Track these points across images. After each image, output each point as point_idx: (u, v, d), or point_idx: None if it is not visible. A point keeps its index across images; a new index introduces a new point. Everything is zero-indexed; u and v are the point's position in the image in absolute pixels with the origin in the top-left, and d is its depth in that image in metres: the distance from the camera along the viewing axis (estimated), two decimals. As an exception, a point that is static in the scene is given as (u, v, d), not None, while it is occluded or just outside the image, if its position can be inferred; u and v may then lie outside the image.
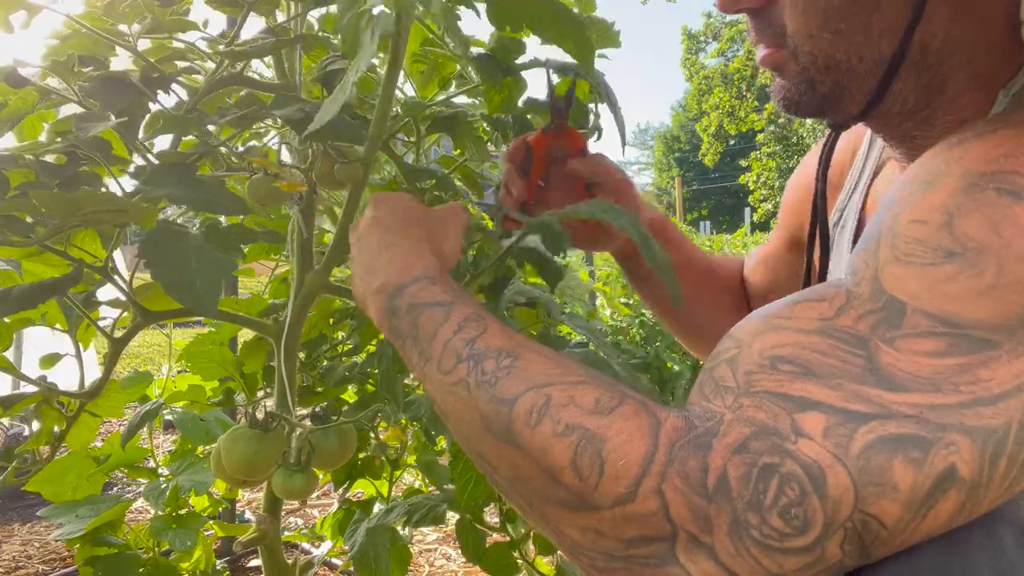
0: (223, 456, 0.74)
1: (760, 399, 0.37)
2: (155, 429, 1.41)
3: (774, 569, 0.35)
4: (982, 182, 0.38)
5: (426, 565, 1.70)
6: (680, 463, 0.37)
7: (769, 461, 0.35)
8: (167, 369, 1.08)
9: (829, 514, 0.34)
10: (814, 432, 0.35)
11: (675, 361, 3.55)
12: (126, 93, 0.67)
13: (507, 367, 0.45)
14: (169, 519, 0.95)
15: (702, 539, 0.36)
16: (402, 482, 1.51)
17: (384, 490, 1.12)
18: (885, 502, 0.33)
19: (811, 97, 0.54)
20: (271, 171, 0.70)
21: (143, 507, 1.96)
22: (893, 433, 0.34)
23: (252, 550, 1.68)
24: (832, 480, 0.34)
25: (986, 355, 0.35)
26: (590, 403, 0.41)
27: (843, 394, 0.36)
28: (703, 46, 20.53)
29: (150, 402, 0.91)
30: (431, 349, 0.50)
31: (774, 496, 0.34)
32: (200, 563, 1.05)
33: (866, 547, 0.35)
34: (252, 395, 0.93)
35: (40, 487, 0.92)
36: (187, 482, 0.96)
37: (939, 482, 0.34)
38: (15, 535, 1.91)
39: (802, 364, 0.38)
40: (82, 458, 0.94)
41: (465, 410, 0.46)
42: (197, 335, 0.91)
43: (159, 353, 5.20)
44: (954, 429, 0.34)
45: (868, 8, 0.49)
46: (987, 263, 0.36)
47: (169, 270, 0.54)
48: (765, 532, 0.34)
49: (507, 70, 0.77)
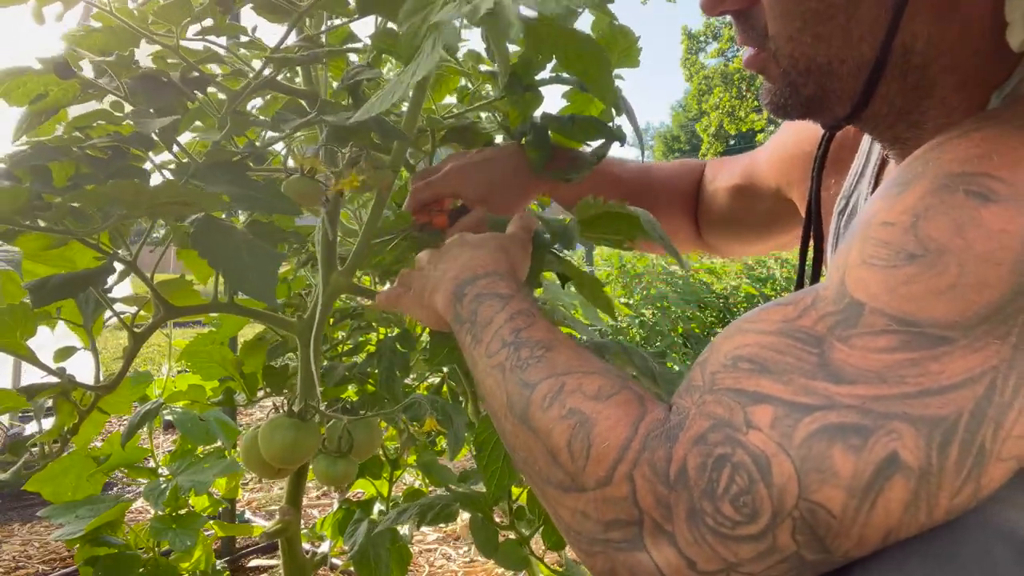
0: (263, 444, 0.77)
1: (720, 395, 0.39)
2: (155, 429, 1.41)
3: (730, 558, 0.36)
4: (953, 183, 0.38)
5: (426, 565, 1.71)
6: (650, 452, 0.40)
7: (722, 452, 0.37)
8: (167, 369, 1.08)
9: (776, 502, 0.35)
10: (763, 423, 0.37)
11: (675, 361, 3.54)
12: (166, 92, 0.69)
13: (539, 356, 0.49)
14: (169, 519, 0.95)
15: (665, 526, 0.38)
16: (402, 482, 1.51)
17: (384, 490, 1.12)
18: (828, 489, 0.34)
19: (796, 100, 0.54)
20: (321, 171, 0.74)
21: (143, 507, 1.96)
22: (834, 422, 0.35)
23: (252, 549, 1.69)
24: (776, 468, 0.35)
25: (939, 351, 0.36)
26: (593, 390, 0.45)
27: (792, 388, 0.37)
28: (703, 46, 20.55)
29: (150, 402, 0.91)
30: (483, 334, 0.55)
31: (726, 484, 0.36)
32: (200, 563, 1.05)
33: (821, 538, 0.35)
34: (252, 395, 0.93)
35: (40, 487, 0.92)
36: (187, 482, 0.96)
37: (881, 468, 0.34)
38: (15, 535, 1.91)
39: (759, 362, 0.39)
40: (82, 458, 0.94)
41: (498, 391, 0.50)
42: (197, 335, 0.91)
43: (159, 353, 5.20)
44: (896, 418, 0.35)
45: (846, 12, 0.49)
46: (948, 264, 0.36)
47: (226, 261, 0.56)
48: (718, 520, 0.36)
49: (527, 86, 0.80)
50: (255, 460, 0.80)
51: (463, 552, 1.77)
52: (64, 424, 0.68)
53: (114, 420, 3.12)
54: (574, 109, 0.88)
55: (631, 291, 4.32)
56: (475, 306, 0.57)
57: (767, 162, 0.87)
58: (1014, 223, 0.36)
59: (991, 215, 0.37)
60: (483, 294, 0.58)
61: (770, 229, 0.91)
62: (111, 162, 0.64)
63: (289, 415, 0.78)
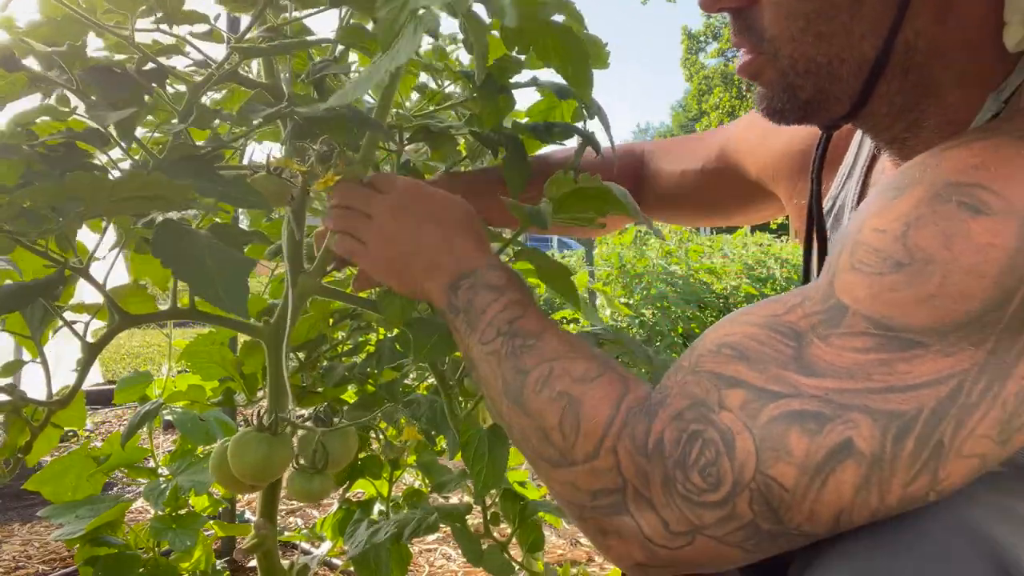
0: (232, 461, 0.73)
1: (700, 376, 0.43)
2: (155, 429, 1.41)
3: (696, 521, 0.40)
4: (946, 193, 0.40)
5: (426, 565, 1.71)
6: (631, 427, 0.44)
7: (696, 428, 0.41)
8: (167, 369, 1.07)
9: (736, 473, 0.39)
10: (733, 405, 0.41)
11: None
12: (124, 84, 0.64)
13: (531, 345, 0.53)
14: (169, 519, 0.95)
15: (644, 492, 0.43)
16: (402, 482, 1.51)
17: (384, 490, 1.12)
18: (781, 465, 0.38)
19: (794, 104, 0.54)
20: (294, 169, 0.70)
21: (143, 507, 1.96)
22: (796, 409, 0.39)
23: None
24: (739, 445, 0.39)
25: (910, 353, 0.38)
26: (580, 373, 0.49)
27: (765, 376, 0.41)
28: (703, 46, 20.54)
29: (150, 402, 0.91)
30: (478, 322, 0.58)
31: (696, 456, 0.41)
32: (200, 563, 1.05)
33: (775, 509, 0.39)
34: (252, 395, 0.93)
35: (40, 487, 0.92)
36: (187, 482, 0.96)
37: (834, 452, 0.38)
38: (15, 535, 1.91)
39: (740, 350, 0.43)
40: (82, 458, 0.94)
41: (493, 376, 0.55)
42: (197, 335, 0.91)
43: (159, 353, 5.20)
44: (855, 409, 0.38)
45: (850, 10, 0.49)
46: (932, 274, 0.38)
47: (190, 270, 0.52)
48: (688, 487, 0.41)
49: (501, 88, 0.78)
50: (225, 476, 0.76)
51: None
52: (16, 442, 0.65)
53: (114, 420, 3.12)
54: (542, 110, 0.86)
55: (631, 291, 4.32)
56: (470, 296, 0.60)
57: (752, 159, 0.87)
58: (1001, 237, 0.37)
59: (980, 228, 0.38)
60: (478, 285, 0.60)
61: (728, 209, 0.94)
62: (65, 159, 0.60)
63: (260, 428, 0.74)
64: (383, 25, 0.47)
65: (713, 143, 0.91)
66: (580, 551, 1.77)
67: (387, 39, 0.47)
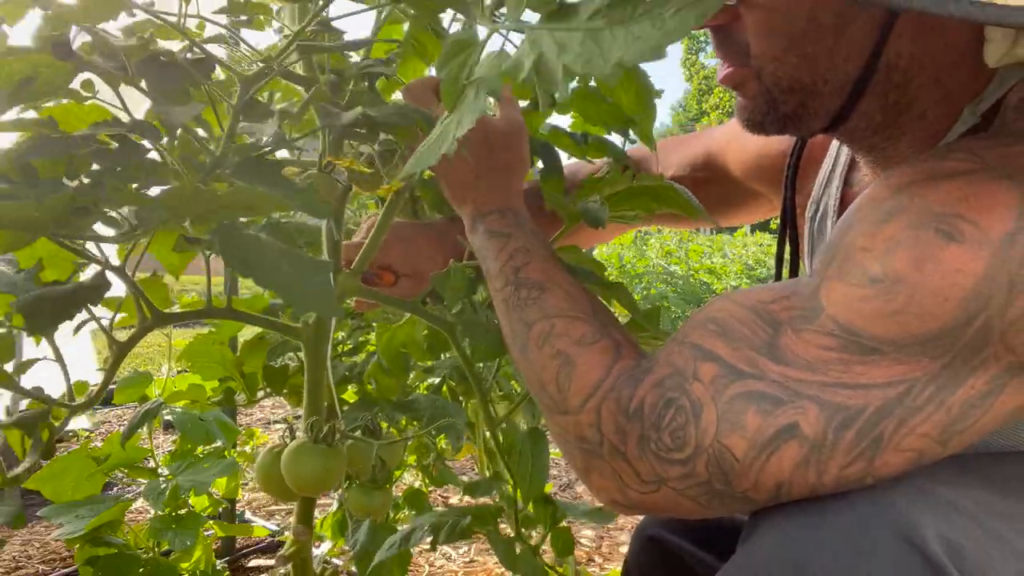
0: (289, 471, 0.72)
1: (684, 347, 0.48)
2: (155, 429, 1.41)
3: (662, 473, 0.46)
4: (928, 222, 0.42)
5: (426, 565, 1.71)
6: (617, 391, 0.50)
7: (672, 395, 0.46)
8: (167, 369, 1.07)
9: (699, 438, 0.44)
10: (705, 378, 0.46)
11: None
12: (174, 75, 0.61)
13: (535, 298, 0.58)
14: (169, 519, 0.95)
15: (619, 448, 0.48)
16: (402, 482, 1.51)
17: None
18: (735, 437, 0.43)
19: (774, 117, 0.55)
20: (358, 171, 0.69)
21: (143, 507, 1.96)
22: (757, 390, 0.44)
23: (252, 549, 1.69)
24: (705, 414, 0.44)
25: (868, 358, 0.42)
26: (578, 335, 0.55)
27: (738, 355, 0.45)
28: (703, 46, 20.54)
29: (150, 402, 0.91)
30: (492, 268, 0.63)
31: (669, 420, 0.46)
32: (200, 563, 1.05)
33: (726, 473, 0.44)
34: (252, 395, 0.92)
35: (40, 486, 0.92)
36: (187, 482, 0.96)
37: (781, 431, 0.42)
38: (15, 535, 1.91)
39: (723, 326, 0.47)
40: (82, 458, 0.94)
41: (506, 322, 0.61)
42: (197, 335, 0.91)
43: (159, 353, 5.20)
44: (807, 398, 0.42)
45: (835, 32, 0.49)
46: (900, 293, 0.41)
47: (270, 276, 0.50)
48: (659, 445, 0.46)
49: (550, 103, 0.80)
50: (275, 484, 0.75)
51: (463, 552, 1.77)
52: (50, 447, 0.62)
53: (114, 420, 3.12)
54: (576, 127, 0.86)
55: (631, 291, 4.32)
56: (484, 240, 0.65)
57: (734, 160, 0.88)
58: (970, 265, 0.40)
59: (951, 254, 0.40)
60: (491, 230, 0.65)
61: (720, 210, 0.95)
62: (121, 156, 0.57)
63: (315, 440, 0.73)
64: (445, 84, 0.47)
65: (699, 145, 0.92)
66: (580, 551, 1.77)
67: (450, 99, 0.47)
